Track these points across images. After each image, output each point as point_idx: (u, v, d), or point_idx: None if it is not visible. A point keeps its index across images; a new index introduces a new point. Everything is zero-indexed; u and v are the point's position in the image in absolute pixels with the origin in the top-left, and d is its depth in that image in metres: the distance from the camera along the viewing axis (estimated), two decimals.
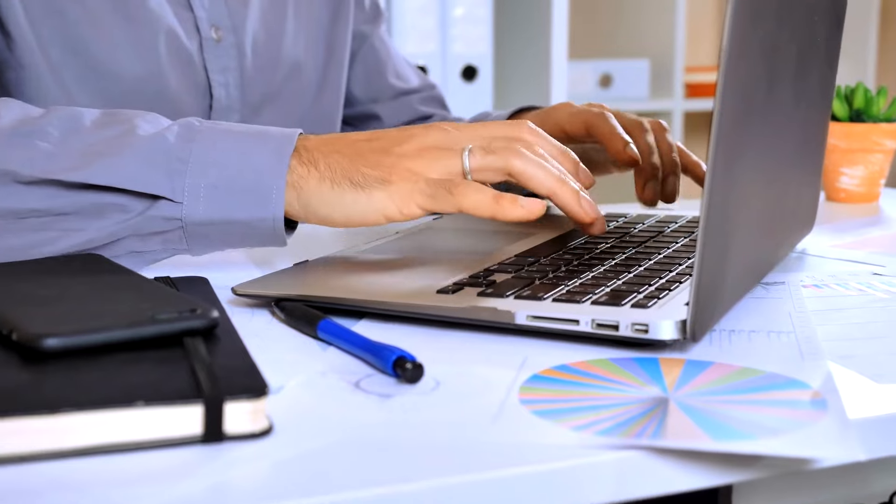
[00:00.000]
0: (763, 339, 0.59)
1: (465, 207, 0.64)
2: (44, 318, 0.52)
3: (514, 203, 0.64)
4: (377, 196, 0.66)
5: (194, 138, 0.68)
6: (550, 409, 0.48)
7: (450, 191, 0.64)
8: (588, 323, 0.57)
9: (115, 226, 0.68)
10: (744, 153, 0.57)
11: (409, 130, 0.69)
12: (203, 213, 0.67)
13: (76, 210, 0.68)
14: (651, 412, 0.48)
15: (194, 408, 0.44)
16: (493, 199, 0.64)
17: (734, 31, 0.51)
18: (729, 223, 0.56)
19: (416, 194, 0.65)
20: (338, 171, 0.66)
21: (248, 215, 0.67)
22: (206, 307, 0.53)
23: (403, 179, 0.66)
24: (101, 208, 0.68)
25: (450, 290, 0.63)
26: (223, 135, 0.68)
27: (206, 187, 0.67)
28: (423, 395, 0.50)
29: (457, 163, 0.66)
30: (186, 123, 0.69)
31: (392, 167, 0.66)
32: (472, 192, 0.64)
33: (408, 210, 0.66)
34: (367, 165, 0.66)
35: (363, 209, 0.66)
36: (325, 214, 0.67)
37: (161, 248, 0.70)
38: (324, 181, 0.66)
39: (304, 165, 0.67)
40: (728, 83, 0.52)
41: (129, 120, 0.70)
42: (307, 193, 0.67)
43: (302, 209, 0.67)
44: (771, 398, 0.50)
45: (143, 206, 0.68)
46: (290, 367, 0.54)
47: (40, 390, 0.45)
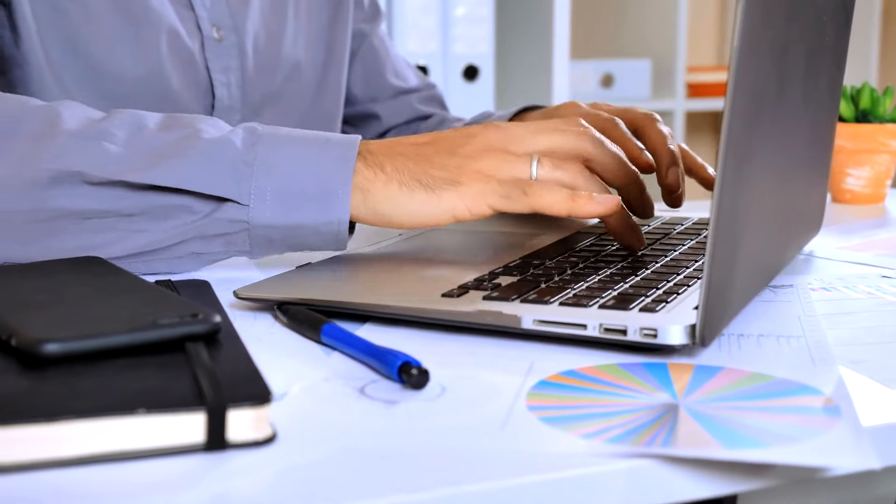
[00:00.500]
0: (773, 343, 0.58)
1: (540, 207, 0.65)
2: (43, 322, 0.51)
3: (589, 199, 0.65)
4: (447, 196, 0.67)
5: (258, 142, 0.68)
6: (559, 416, 0.47)
7: (524, 191, 0.65)
8: (595, 327, 0.56)
9: (180, 227, 0.68)
10: (754, 155, 0.56)
11: (468, 131, 0.70)
12: (270, 217, 0.68)
13: (142, 211, 0.68)
14: (661, 419, 0.47)
15: (197, 415, 0.43)
16: (568, 198, 0.65)
17: (745, 32, 0.51)
18: (739, 225, 0.55)
19: (489, 194, 0.66)
20: (405, 173, 0.67)
21: (314, 219, 0.68)
22: (208, 311, 0.53)
23: (474, 180, 0.67)
24: (168, 210, 0.68)
25: (455, 293, 0.62)
26: (286, 140, 0.69)
27: (273, 191, 0.67)
28: (428, 401, 0.50)
29: (525, 170, 0.67)
30: (250, 128, 0.70)
31: (460, 168, 0.67)
32: (546, 192, 0.65)
33: (478, 210, 0.67)
34: (435, 167, 0.67)
35: (431, 210, 0.67)
36: (392, 215, 0.68)
37: (223, 249, 0.70)
38: (391, 183, 0.67)
39: (370, 168, 0.68)
40: (738, 84, 0.51)
41: (192, 123, 0.70)
42: (374, 195, 0.68)
43: (369, 211, 0.68)
44: (782, 405, 0.49)
45: (209, 208, 0.68)
46: (294, 372, 0.54)
47: (40, 397, 0.44)
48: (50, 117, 0.69)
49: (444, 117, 1.14)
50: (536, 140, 0.69)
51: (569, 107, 0.90)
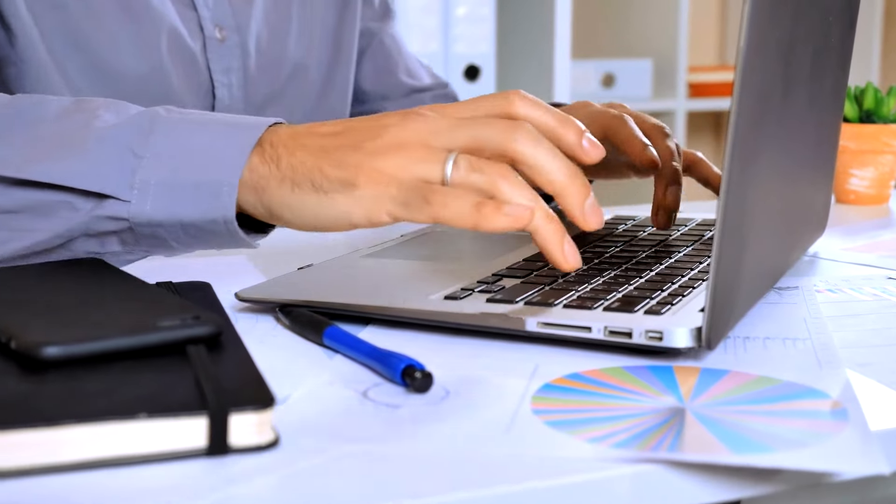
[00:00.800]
0: (779, 346, 0.58)
1: (442, 218, 0.56)
2: (43, 325, 0.51)
3: (496, 211, 0.55)
4: (340, 201, 0.58)
5: (154, 129, 0.62)
6: (564, 420, 0.47)
7: (426, 198, 0.56)
8: (600, 330, 0.55)
9: (63, 225, 0.63)
10: (759, 156, 0.55)
11: (385, 119, 0.60)
12: (150, 212, 0.61)
13: (25, 208, 0.63)
14: (667, 423, 0.47)
15: (199, 420, 0.43)
16: (474, 209, 0.55)
17: (752, 31, 0.50)
18: (745, 227, 0.55)
19: (387, 201, 0.57)
20: (299, 172, 0.59)
21: (198, 215, 0.61)
22: (210, 314, 0.52)
23: (372, 182, 0.57)
24: (50, 206, 0.63)
25: (458, 295, 0.61)
26: (188, 125, 0.62)
27: (157, 184, 0.61)
28: (432, 405, 0.49)
29: (436, 170, 0.57)
30: (152, 113, 0.63)
31: (359, 167, 0.58)
32: (451, 201, 0.55)
33: (376, 218, 0.58)
34: (332, 165, 0.59)
35: (326, 215, 0.59)
36: (288, 219, 0.61)
37: (121, 249, 0.65)
38: (284, 183, 0.60)
39: (265, 164, 0.60)
40: (745, 84, 0.50)
41: (93, 110, 0.64)
42: (269, 195, 0.60)
43: (266, 211, 0.61)
44: (790, 408, 0.49)
45: (90, 204, 0.63)
46: (296, 375, 0.53)
47: (40, 401, 0.44)
48: None
49: None
50: (458, 134, 0.58)
51: (580, 105, 0.87)
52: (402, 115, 0.60)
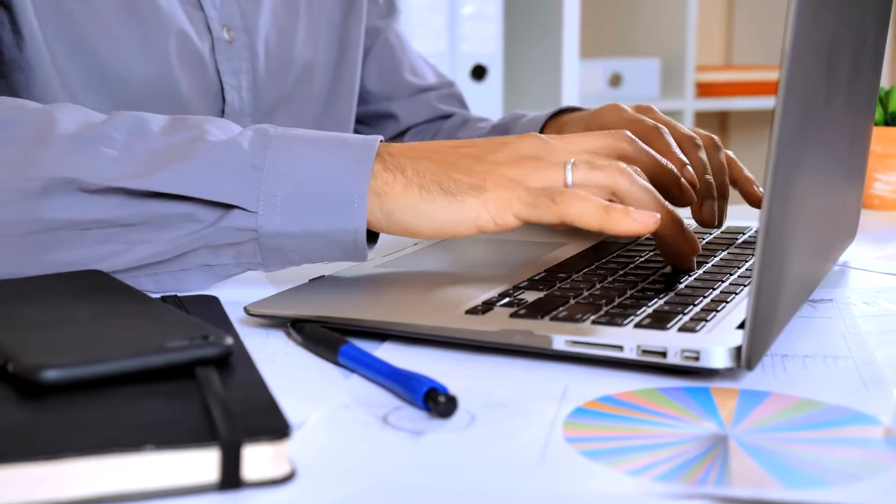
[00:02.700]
0: (819, 364, 0.55)
1: (569, 217, 0.59)
2: (42, 346, 0.48)
3: (624, 214, 0.59)
4: (470, 203, 0.61)
5: (269, 144, 0.63)
6: (600, 450, 0.44)
7: (552, 199, 0.60)
8: (633, 349, 0.52)
9: (185, 237, 0.64)
10: (803, 164, 0.52)
11: (504, 139, 0.65)
12: (279, 224, 0.63)
13: (143, 220, 0.64)
14: (711, 452, 0.44)
15: (209, 452, 0.39)
16: (601, 210, 0.59)
17: (797, 32, 0.47)
18: (786, 239, 0.52)
19: (514, 202, 0.61)
20: (427, 177, 0.62)
21: (328, 226, 0.62)
22: (220, 333, 0.49)
23: (500, 186, 0.61)
24: (171, 218, 0.63)
25: (479, 310, 0.58)
26: (300, 141, 0.64)
27: (283, 196, 0.62)
28: (457, 431, 0.46)
29: (559, 175, 0.62)
30: (260, 129, 0.65)
31: (486, 173, 0.62)
32: (577, 201, 0.59)
33: (503, 220, 0.61)
34: (459, 171, 0.62)
35: (454, 217, 0.61)
36: (409, 223, 0.62)
37: (233, 261, 0.65)
38: (411, 187, 0.62)
39: (388, 171, 0.63)
40: (790, 91, 0.47)
41: (199, 125, 0.65)
42: (392, 200, 0.62)
43: (385, 218, 0.63)
44: (839, 436, 0.46)
45: (215, 215, 0.63)
46: (311, 398, 0.50)
47: (38, 432, 0.41)
48: (45, 121, 0.65)
49: (467, 117, 1.09)
50: (572, 148, 0.64)
51: (611, 109, 0.84)
52: (519, 136, 0.65)
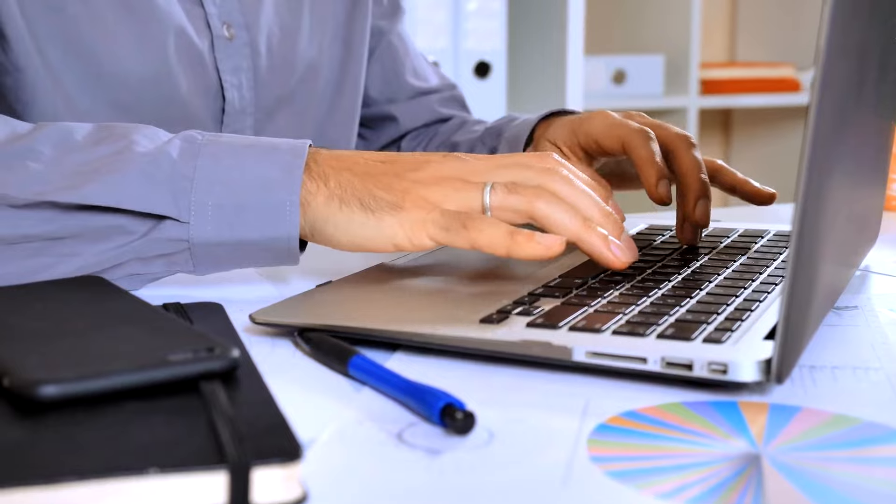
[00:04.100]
0: (849, 376, 0.53)
1: (479, 244, 0.60)
2: (39, 359, 0.45)
3: (530, 240, 0.59)
4: (387, 221, 0.61)
5: (199, 153, 0.63)
6: (628, 470, 0.42)
7: (464, 224, 0.60)
8: (657, 361, 0.50)
9: (116, 249, 0.63)
10: (834, 169, 0.50)
11: (426, 156, 0.64)
12: (212, 234, 0.62)
13: (73, 234, 0.62)
14: (744, 473, 0.41)
15: (217, 476, 0.37)
16: (507, 235, 0.59)
17: (832, 32, 0.45)
18: (817, 248, 0.50)
19: (429, 224, 0.61)
20: (348, 190, 0.62)
21: (261, 234, 0.62)
22: (225, 345, 0.47)
23: (417, 207, 0.61)
24: (101, 231, 0.62)
25: (494, 318, 0.56)
26: (228, 149, 0.63)
27: (214, 206, 0.62)
28: (476, 449, 0.44)
29: (476, 197, 0.61)
30: (188, 137, 0.64)
31: (405, 193, 0.62)
32: (487, 227, 0.60)
33: (418, 240, 0.61)
34: (380, 188, 0.62)
35: (371, 234, 0.62)
36: (330, 234, 0.63)
37: (164, 269, 0.65)
38: (332, 199, 0.62)
39: (313, 180, 0.63)
40: (824, 92, 0.45)
41: (126, 135, 0.64)
42: (314, 210, 0.62)
43: (307, 227, 0.63)
44: (877, 455, 0.43)
45: (146, 227, 0.62)
46: (321, 413, 0.48)
47: (36, 453, 0.38)
48: None
49: (465, 119, 1.07)
50: (496, 173, 0.63)
51: (599, 115, 0.82)
52: (443, 154, 0.64)
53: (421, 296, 0.63)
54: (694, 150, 0.77)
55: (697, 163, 0.77)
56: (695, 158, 0.77)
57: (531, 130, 0.91)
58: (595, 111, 0.83)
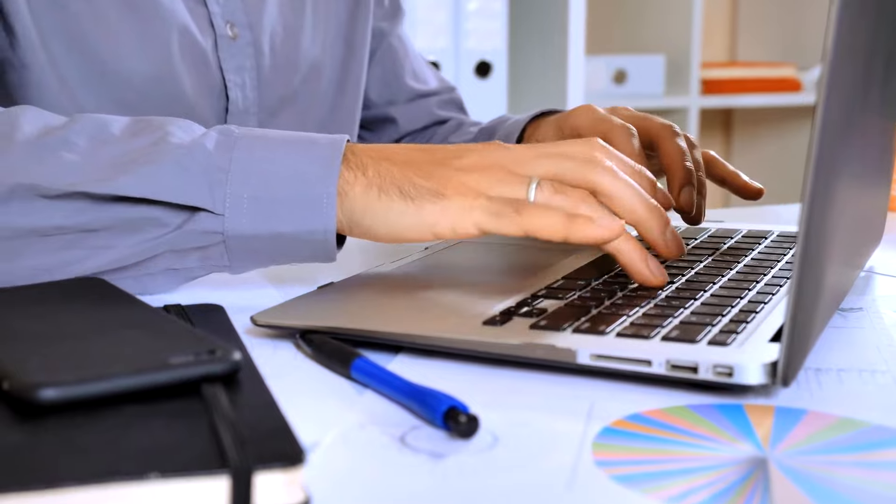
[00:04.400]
0: (855, 379, 0.52)
1: (532, 228, 0.58)
2: (39, 362, 0.45)
3: (588, 222, 0.58)
4: (428, 209, 0.59)
5: (235, 145, 0.62)
6: (633, 474, 0.41)
7: (517, 210, 0.58)
8: (662, 364, 0.50)
9: (150, 241, 0.62)
10: (841, 170, 0.50)
11: (469, 146, 0.63)
12: (247, 226, 0.61)
13: (106, 226, 0.61)
14: (751, 477, 0.41)
15: (218, 481, 0.37)
16: (566, 220, 0.58)
17: (839, 31, 0.44)
18: (824, 250, 0.49)
19: (476, 211, 0.59)
20: (387, 179, 0.60)
21: (297, 227, 0.61)
22: (227, 347, 0.47)
23: (460, 194, 0.59)
24: (135, 223, 0.61)
25: (497, 320, 0.56)
26: (265, 141, 0.62)
27: (250, 198, 0.60)
28: (479, 453, 0.43)
29: (521, 191, 0.60)
30: (225, 130, 0.63)
31: (447, 180, 0.60)
32: (542, 213, 0.58)
33: (463, 228, 0.59)
34: (420, 175, 0.60)
35: (410, 222, 0.60)
36: (368, 225, 0.61)
37: (199, 264, 0.63)
38: (371, 188, 0.60)
39: (351, 170, 0.61)
40: (832, 92, 0.45)
41: (162, 127, 0.63)
42: (351, 200, 0.61)
43: (345, 218, 0.61)
44: (885, 459, 0.43)
45: (180, 219, 0.61)
46: (323, 416, 0.47)
47: (35, 457, 0.38)
48: (5, 126, 0.63)
49: (462, 121, 1.07)
50: (540, 164, 0.61)
51: (583, 110, 0.83)
52: (485, 143, 0.63)
53: (423, 297, 0.62)
54: (677, 138, 0.79)
55: (681, 150, 0.78)
56: (678, 146, 0.78)
57: (521, 130, 0.92)
58: (580, 106, 0.83)
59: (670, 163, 0.77)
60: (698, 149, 0.82)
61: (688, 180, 0.76)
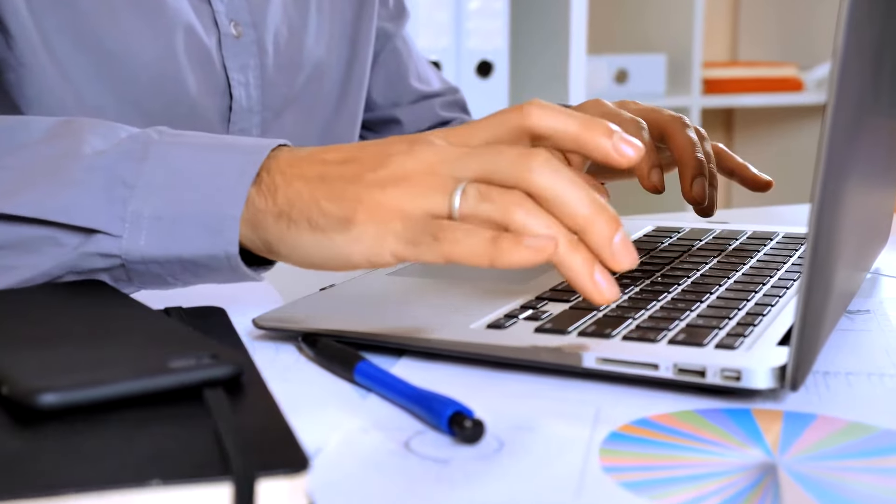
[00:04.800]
0: (863, 382, 0.52)
1: (455, 256, 0.50)
2: (39, 366, 0.44)
3: (516, 244, 0.49)
4: (339, 241, 0.52)
5: (148, 156, 0.57)
6: (641, 481, 0.41)
7: (435, 235, 0.50)
8: (669, 368, 0.49)
9: (49, 262, 0.58)
10: (851, 171, 0.49)
11: (391, 147, 0.54)
12: (144, 249, 0.56)
13: (7, 244, 0.58)
14: (761, 484, 0.40)
15: (221, 488, 0.36)
16: (489, 243, 0.49)
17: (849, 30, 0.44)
18: (833, 253, 0.49)
19: (390, 239, 0.51)
20: (296, 207, 0.54)
21: (198, 251, 0.56)
22: (229, 351, 0.46)
23: (373, 220, 0.52)
24: (34, 242, 0.57)
25: (501, 323, 0.55)
26: (182, 150, 0.57)
27: (150, 218, 0.56)
28: (485, 459, 0.43)
29: (443, 202, 0.51)
30: (143, 137, 0.58)
31: (358, 202, 0.52)
32: (463, 237, 0.50)
33: (379, 258, 0.52)
34: (329, 198, 0.53)
35: (324, 255, 0.53)
36: (285, 255, 0.55)
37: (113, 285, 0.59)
38: (281, 219, 0.54)
39: (262, 196, 0.55)
40: (841, 92, 0.44)
41: (79, 133, 0.59)
42: (264, 230, 0.55)
43: (265, 247, 0.56)
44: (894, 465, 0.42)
45: (77, 240, 0.57)
46: (327, 421, 0.47)
47: (35, 464, 0.37)
48: None
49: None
50: (468, 162, 0.52)
51: (592, 105, 0.82)
52: (410, 142, 0.54)
53: (425, 300, 0.62)
54: (688, 129, 0.79)
55: (692, 142, 0.78)
56: (688, 138, 0.78)
57: None
58: (588, 100, 0.83)
59: (682, 154, 0.77)
60: (708, 141, 0.81)
61: (699, 172, 0.76)
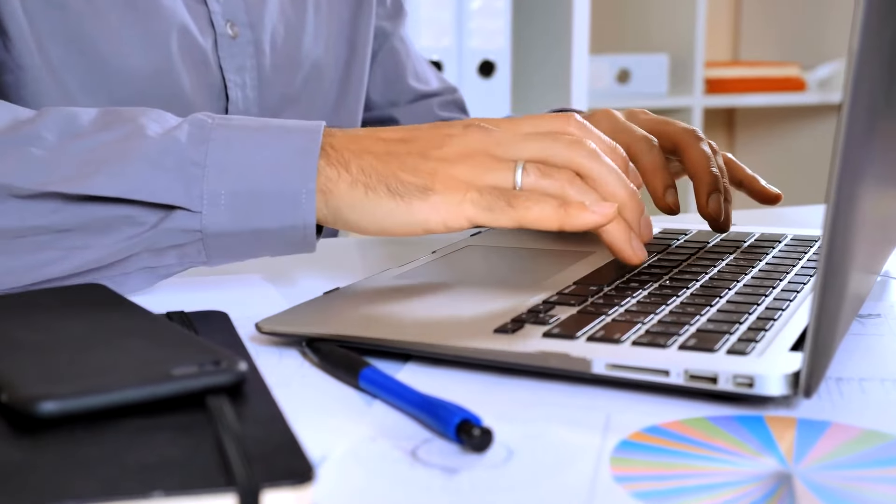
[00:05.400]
0: (877, 388, 0.51)
1: (527, 221, 0.58)
2: (38, 373, 0.43)
3: (582, 209, 0.58)
4: (418, 206, 0.58)
5: (208, 138, 0.60)
6: (654, 491, 0.40)
7: (509, 202, 0.58)
8: (680, 374, 0.48)
9: (125, 241, 0.60)
10: (866, 174, 0.48)
11: (446, 130, 0.61)
12: (226, 223, 0.60)
13: (80, 226, 0.60)
14: (776, 493, 0.40)
15: (225, 499, 0.35)
16: (559, 208, 0.58)
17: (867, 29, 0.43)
18: (848, 257, 0.48)
19: (467, 205, 0.58)
20: (372, 176, 0.59)
21: (277, 224, 0.60)
22: (232, 357, 0.45)
23: (449, 189, 0.59)
24: (109, 222, 0.60)
25: (509, 328, 0.54)
26: (240, 133, 0.61)
27: (228, 194, 0.59)
28: (494, 468, 0.42)
29: (508, 178, 0.59)
30: (197, 121, 0.61)
31: (434, 174, 0.59)
32: (534, 204, 0.58)
33: (455, 223, 0.59)
34: (405, 170, 0.59)
35: (401, 220, 0.59)
36: (356, 221, 0.60)
37: (177, 262, 0.62)
38: (356, 186, 0.59)
39: (332, 167, 0.60)
40: (857, 94, 0.43)
41: (134, 119, 0.61)
42: (337, 198, 0.60)
43: (331, 215, 0.60)
44: None
45: (156, 217, 0.60)
46: (332, 429, 0.46)
47: (35, 474, 0.36)
48: None
49: None
50: (523, 146, 0.61)
51: (603, 117, 0.81)
52: (464, 125, 0.61)
53: (432, 303, 0.61)
54: (701, 143, 0.78)
55: (706, 156, 0.77)
56: (702, 152, 0.77)
57: None
58: (599, 111, 0.81)
59: (697, 170, 0.76)
60: (720, 154, 0.80)
61: (715, 187, 0.75)
